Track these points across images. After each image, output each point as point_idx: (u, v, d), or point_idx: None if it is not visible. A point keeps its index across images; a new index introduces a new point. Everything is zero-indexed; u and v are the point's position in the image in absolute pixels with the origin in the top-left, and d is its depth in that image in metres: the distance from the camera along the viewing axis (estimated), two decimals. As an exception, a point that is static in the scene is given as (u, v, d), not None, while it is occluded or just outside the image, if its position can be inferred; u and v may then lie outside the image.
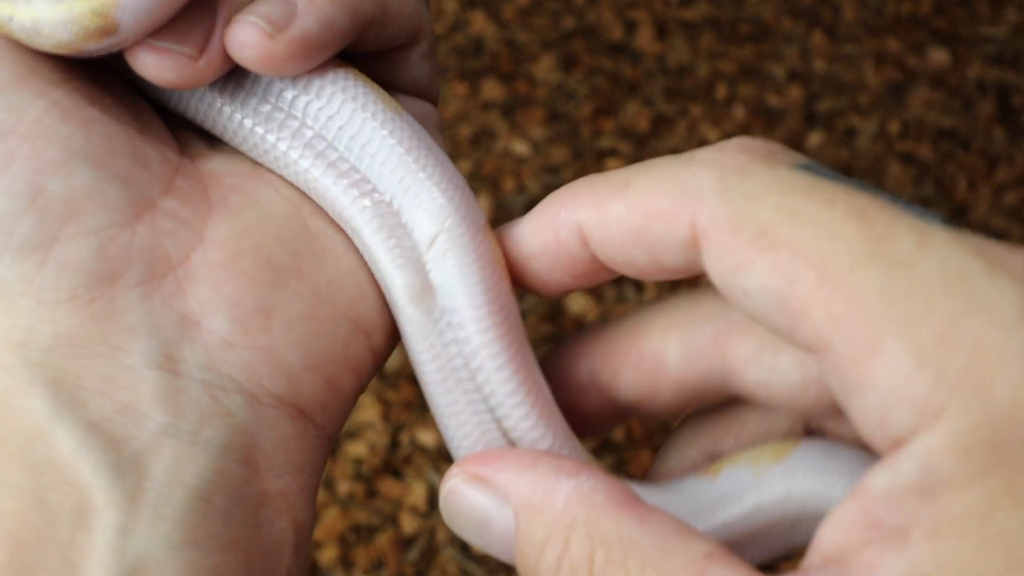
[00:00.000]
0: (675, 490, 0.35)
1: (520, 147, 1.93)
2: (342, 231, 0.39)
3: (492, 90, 2.01)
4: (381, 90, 0.39)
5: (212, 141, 0.41)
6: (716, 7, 2.16)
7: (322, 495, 1.53)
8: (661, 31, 2.12)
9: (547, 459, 0.32)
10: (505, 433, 0.35)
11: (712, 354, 0.35)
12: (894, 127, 2.00)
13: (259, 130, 0.38)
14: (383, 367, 0.43)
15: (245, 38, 0.36)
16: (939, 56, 2.11)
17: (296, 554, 0.36)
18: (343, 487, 1.54)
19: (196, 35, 0.36)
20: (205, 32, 0.36)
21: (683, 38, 2.11)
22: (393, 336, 0.38)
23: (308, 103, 0.38)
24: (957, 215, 1.88)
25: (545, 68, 2.05)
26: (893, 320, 0.25)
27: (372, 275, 0.38)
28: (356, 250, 0.38)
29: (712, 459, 0.36)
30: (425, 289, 0.36)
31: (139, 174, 0.36)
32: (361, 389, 0.39)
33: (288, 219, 0.38)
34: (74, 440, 0.31)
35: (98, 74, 0.38)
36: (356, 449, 1.56)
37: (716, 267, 0.30)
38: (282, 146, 0.38)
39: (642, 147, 1.94)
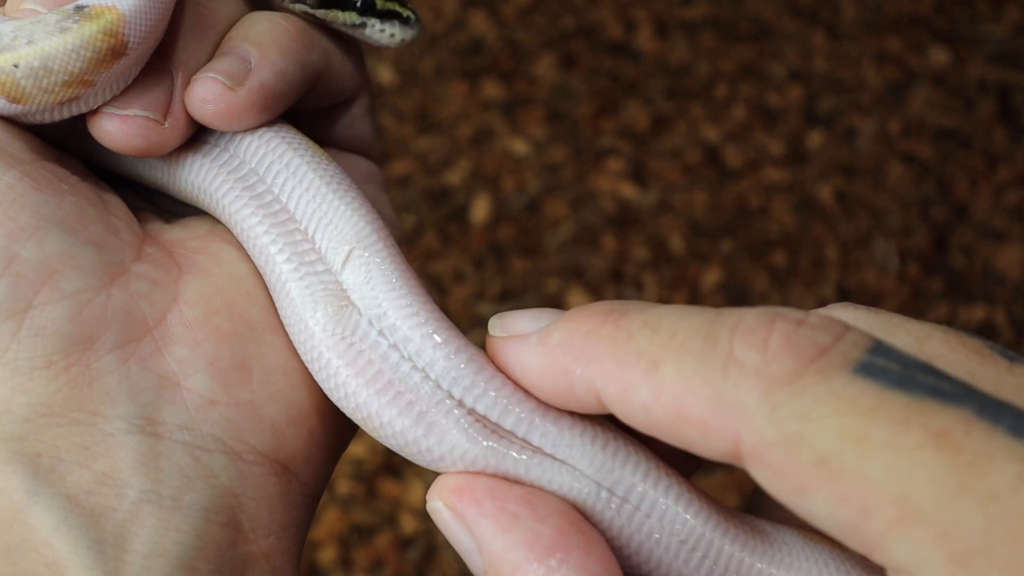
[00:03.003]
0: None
1: (520, 146, 1.93)
2: None
3: (492, 89, 2.01)
4: (314, 143, 0.41)
5: (167, 217, 0.43)
6: (716, 6, 2.16)
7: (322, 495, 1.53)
8: (661, 30, 2.12)
9: (523, 525, 0.30)
10: (482, 419, 0.33)
11: None
12: (895, 126, 1.99)
13: (203, 167, 0.40)
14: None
15: (206, 93, 0.37)
16: (940, 55, 2.10)
17: None
18: (343, 487, 1.53)
19: (158, 99, 0.37)
20: (166, 95, 0.38)
21: (683, 37, 2.11)
22: None
23: (250, 143, 0.40)
24: (958, 214, 1.88)
25: (545, 67, 2.05)
26: (999, 569, 0.22)
27: None
28: None
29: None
30: (343, 309, 0.36)
31: (111, 240, 0.37)
32: (344, 444, 0.39)
33: (255, 275, 0.39)
34: (52, 519, 0.31)
35: (62, 157, 0.39)
36: (356, 449, 1.56)
37: (771, 486, 0.26)
38: (218, 180, 0.39)
39: (642, 146, 1.94)
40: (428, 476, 1.54)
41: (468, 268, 1.78)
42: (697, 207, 1.87)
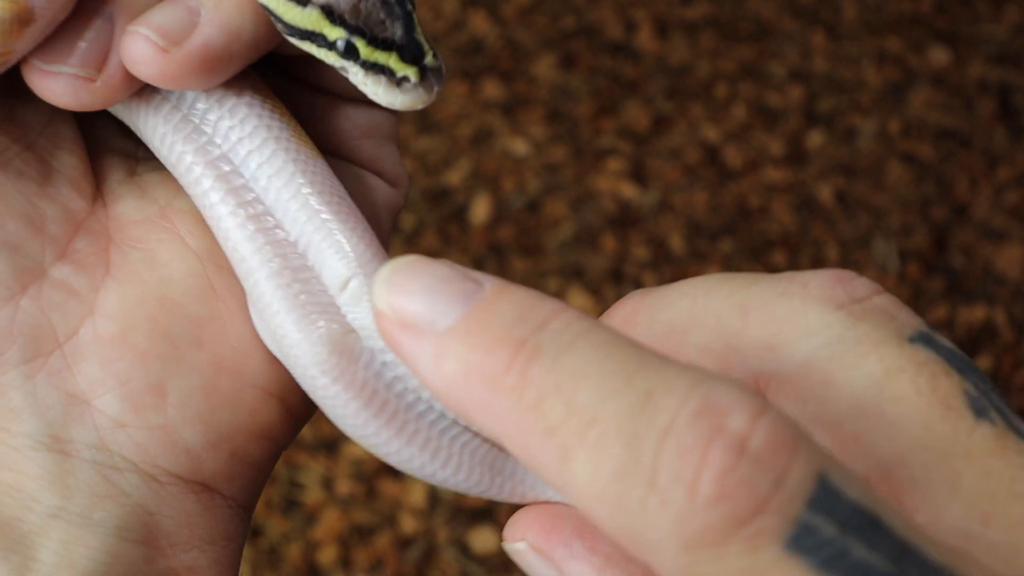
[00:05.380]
0: None
1: (520, 146, 1.93)
2: None
3: (492, 89, 2.01)
4: (300, 128, 0.36)
5: (139, 160, 0.38)
6: (716, 6, 2.16)
7: (322, 495, 1.53)
8: (661, 30, 2.12)
9: (616, 566, 0.29)
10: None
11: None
12: (895, 126, 1.99)
13: (168, 138, 0.35)
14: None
15: (136, 53, 0.32)
16: (940, 55, 2.10)
17: None
18: (343, 487, 1.54)
19: (90, 53, 0.33)
20: (100, 47, 0.33)
21: (683, 37, 2.11)
22: None
23: (219, 119, 0.35)
24: (958, 214, 1.88)
25: (545, 67, 2.05)
26: None
27: None
28: None
29: None
30: (347, 334, 0.33)
31: (29, 240, 0.34)
32: (276, 455, 0.37)
33: (191, 279, 0.35)
34: None
35: (14, 114, 0.35)
36: (356, 449, 1.56)
37: None
38: (187, 159, 0.35)
39: (642, 146, 1.94)
40: (428, 476, 1.54)
41: (468, 268, 1.78)
42: (697, 207, 1.87)
